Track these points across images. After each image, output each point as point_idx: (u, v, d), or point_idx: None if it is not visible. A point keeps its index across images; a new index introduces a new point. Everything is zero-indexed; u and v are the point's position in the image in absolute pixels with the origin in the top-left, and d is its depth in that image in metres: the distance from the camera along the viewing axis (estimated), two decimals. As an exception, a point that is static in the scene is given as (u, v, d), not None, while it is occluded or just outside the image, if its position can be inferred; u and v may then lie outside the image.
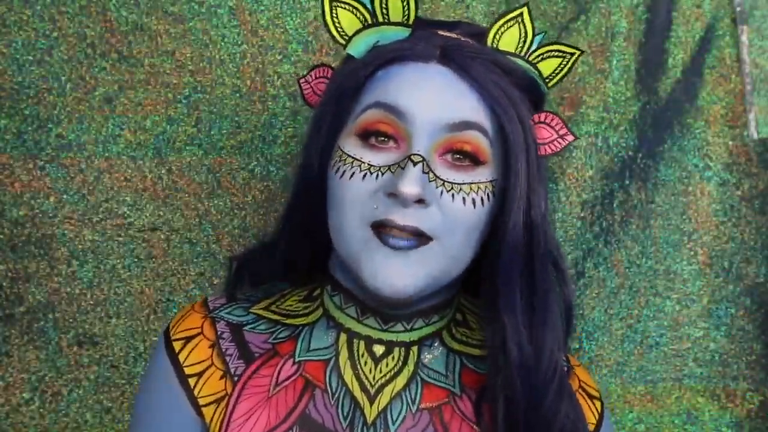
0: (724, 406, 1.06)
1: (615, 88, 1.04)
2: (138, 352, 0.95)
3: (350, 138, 0.64)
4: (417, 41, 0.65)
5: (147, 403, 0.70)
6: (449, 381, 0.68)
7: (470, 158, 0.63)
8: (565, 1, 1.03)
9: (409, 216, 0.60)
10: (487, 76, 0.63)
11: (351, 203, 0.62)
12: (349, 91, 0.65)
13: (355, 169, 0.62)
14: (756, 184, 1.05)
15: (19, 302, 0.92)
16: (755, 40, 1.04)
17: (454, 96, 0.63)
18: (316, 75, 0.71)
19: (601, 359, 1.04)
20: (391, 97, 0.63)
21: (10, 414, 0.92)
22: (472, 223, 0.63)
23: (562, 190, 1.03)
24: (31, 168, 0.92)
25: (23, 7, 0.91)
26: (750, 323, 1.05)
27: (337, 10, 0.67)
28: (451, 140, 0.63)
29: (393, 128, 0.63)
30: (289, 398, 0.66)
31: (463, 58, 0.64)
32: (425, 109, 0.62)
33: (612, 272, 1.04)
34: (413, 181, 0.59)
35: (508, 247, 0.63)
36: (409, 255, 0.61)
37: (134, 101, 0.94)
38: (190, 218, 0.96)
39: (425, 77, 0.63)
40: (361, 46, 0.67)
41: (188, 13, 0.95)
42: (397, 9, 0.65)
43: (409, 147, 0.62)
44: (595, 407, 0.72)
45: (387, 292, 0.61)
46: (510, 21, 0.66)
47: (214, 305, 0.72)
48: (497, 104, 0.63)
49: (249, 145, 0.97)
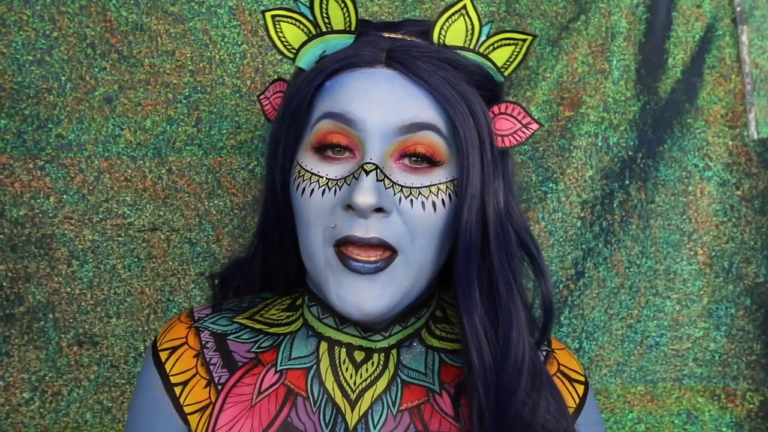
0: (724, 406, 1.06)
1: (615, 88, 1.04)
2: (138, 352, 0.95)
3: (307, 152, 0.64)
4: (361, 47, 0.64)
5: (137, 410, 0.71)
6: (428, 379, 0.69)
7: (426, 160, 0.63)
8: (565, 1, 1.03)
9: (371, 227, 0.60)
10: (434, 73, 0.62)
11: (314, 222, 0.62)
12: (301, 104, 0.65)
13: (314, 185, 0.62)
14: (756, 184, 1.05)
15: (19, 302, 0.92)
16: (755, 40, 1.04)
17: (403, 98, 0.62)
18: (274, 90, 0.71)
19: (601, 359, 1.04)
20: (340, 106, 0.62)
21: (10, 414, 0.92)
22: (432, 228, 0.62)
23: (562, 190, 1.03)
24: (31, 168, 0.92)
25: (23, 7, 0.91)
26: (750, 323, 1.05)
27: (280, 25, 0.67)
28: (404, 143, 0.62)
29: (346, 138, 0.62)
30: (272, 406, 0.66)
31: (409, 58, 0.63)
32: (375, 115, 0.61)
33: (612, 272, 1.04)
34: (367, 191, 0.59)
35: (462, 247, 0.62)
36: (376, 278, 0.61)
37: (134, 101, 0.94)
38: (190, 218, 0.96)
39: (372, 82, 0.62)
40: (309, 57, 0.67)
41: (188, 13, 0.95)
42: (338, 17, 0.65)
43: (362, 155, 0.62)
44: (576, 391, 0.72)
45: (356, 316, 0.62)
46: (454, 15, 0.65)
47: (199, 315, 0.73)
48: (446, 101, 0.62)
49: (249, 145, 0.97)
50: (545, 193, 1.03)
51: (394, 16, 0.99)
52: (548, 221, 1.03)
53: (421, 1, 1.00)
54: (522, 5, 1.02)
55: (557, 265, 1.03)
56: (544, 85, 1.02)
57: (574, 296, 1.03)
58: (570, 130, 1.03)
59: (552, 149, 1.03)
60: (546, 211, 1.03)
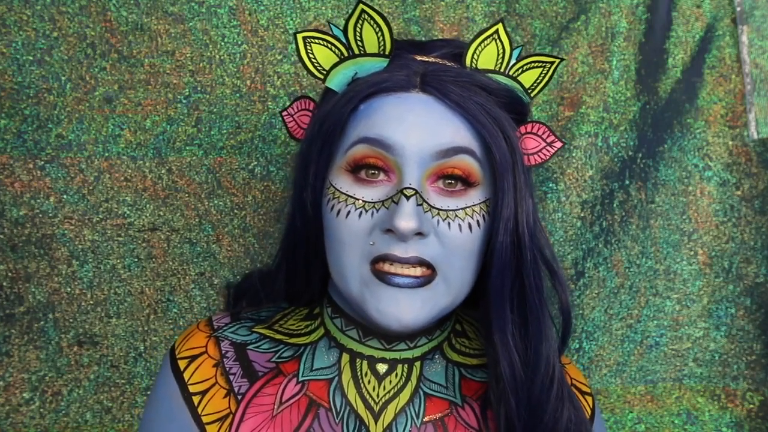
0: (724, 406, 1.06)
1: (615, 88, 1.04)
2: (138, 352, 0.95)
3: (341, 174, 0.65)
4: (396, 71, 0.65)
5: (152, 420, 0.71)
6: (450, 392, 0.69)
7: (461, 181, 0.64)
8: (565, 1, 1.03)
9: (410, 248, 0.61)
10: (468, 98, 0.63)
11: (349, 243, 0.63)
12: (334, 126, 0.65)
13: (350, 207, 0.63)
14: (756, 184, 1.05)
15: (19, 302, 0.92)
16: (755, 40, 1.04)
17: (439, 122, 0.63)
18: (298, 107, 0.71)
19: (601, 359, 1.04)
20: (376, 131, 0.63)
21: (10, 414, 0.92)
22: (469, 248, 0.64)
23: (562, 190, 1.03)
24: (31, 168, 0.92)
25: (23, 7, 0.91)
26: (750, 323, 1.05)
27: (311, 46, 0.67)
28: (441, 167, 0.63)
29: (382, 161, 0.63)
30: (294, 417, 0.66)
31: (443, 83, 0.64)
32: (412, 140, 0.62)
33: (612, 272, 1.04)
34: (409, 216, 0.60)
35: (496, 267, 0.64)
36: (416, 292, 0.62)
37: (134, 101, 0.94)
38: (190, 218, 0.96)
39: (408, 107, 0.63)
40: (340, 79, 0.67)
41: (188, 13, 0.95)
42: (372, 39, 0.65)
43: (400, 179, 0.62)
44: (588, 403, 0.74)
45: (395, 327, 0.62)
46: (486, 39, 0.66)
47: (218, 324, 0.73)
48: (481, 126, 0.63)
49: (249, 145, 0.97)
50: (545, 193, 1.03)
51: (394, 17, 0.99)
52: (548, 221, 1.03)
53: (421, 1, 1.00)
54: (522, 5, 1.02)
55: (557, 265, 1.03)
56: (544, 85, 1.02)
57: (574, 296, 1.03)
58: (570, 130, 1.03)
59: (552, 149, 1.03)
60: (546, 211, 1.03)
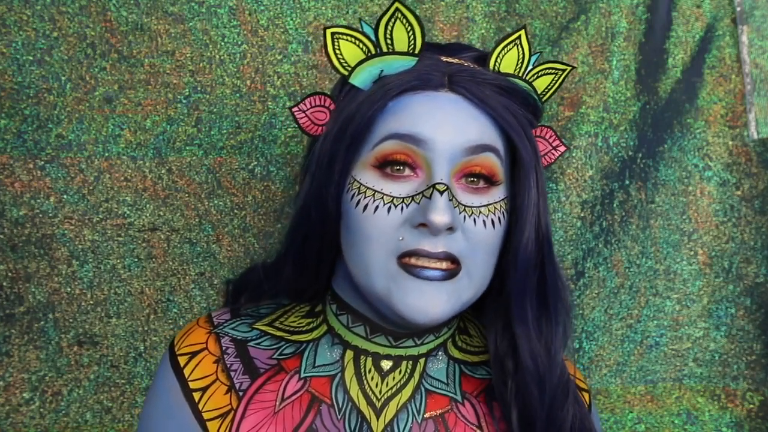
0: (724, 406, 1.06)
1: (615, 88, 1.04)
2: (138, 352, 0.95)
3: (366, 169, 0.65)
4: (424, 70, 0.66)
5: (152, 415, 0.71)
6: (450, 389, 0.70)
7: (485, 179, 0.66)
8: (565, 1, 1.03)
9: (439, 243, 0.62)
10: (495, 99, 0.66)
11: (376, 238, 0.63)
12: (362, 124, 0.65)
13: (378, 202, 0.63)
14: (756, 184, 1.05)
15: (19, 302, 0.92)
16: (755, 40, 1.04)
17: (467, 120, 0.65)
18: (312, 104, 0.70)
19: (601, 359, 1.04)
20: (407, 126, 0.64)
21: (10, 414, 0.92)
22: (492, 244, 0.65)
23: (562, 190, 1.03)
24: (31, 168, 0.92)
25: (23, 7, 0.91)
26: (750, 323, 1.05)
27: (339, 42, 0.67)
28: (468, 164, 0.65)
29: (411, 157, 0.64)
30: (296, 413, 0.66)
31: (471, 83, 0.66)
32: (443, 135, 0.63)
33: (612, 272, 1.04)
34: (443, 211, 0.61)
35: (522, 262, 0.66)
36: (442, 285, 0.63)
37: (134, 101, 0.94)
38: (190, 218, 0.96)
39: (438, 105, 0.65)
40: (365, 76, 0.67)
41: (188, 13, 0.95)
42: (402, 40, 0.66)
43: (429, 174, 0.64)
44: (585, 399, 0.75)
45: (421, 320, 0.63)
46: (509, 44, 0.68)
47: (218, 320, 0.72)
48: (509, 126, 0.66)
49: (249, 145, 0.97)
50: (545, 193, 1.03)
51: (394, 16, 0.99)
52: (548, 221, 1.03)
53: (421, 1, 1.00)
54: (522, 5, 1.02)
55: (557, 265, 1.03)
56: (544, 85, 1.02)
57: (574, 296, 1.03)
58: (570, 130, 1.03)
59: (552, 149, 1.03)
60: (546, 211, 1.03)
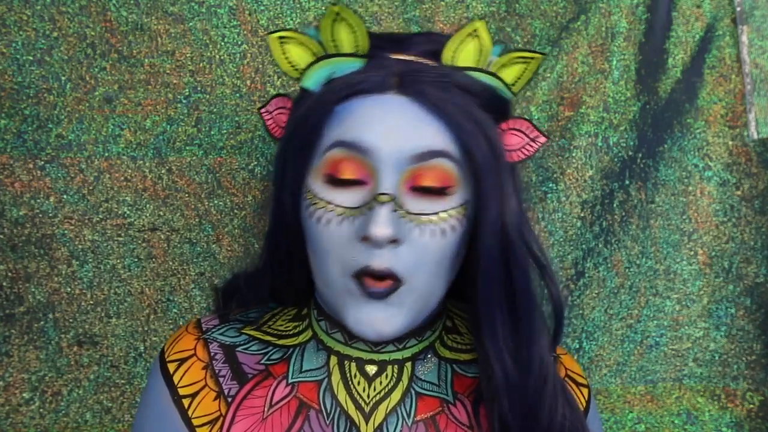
0: (724, 406, 1.06)
1: (615, 88, 1.04)
2: (138, 352, 0.95)
3: (318, 178, 0.64)
4: (372, 72, 0.63)
5: (143, 423, 0.71)
6: (442, 390, 0.69)
7: (437, 192, 0.63)
8: (565, 1, 1.03)
9: (384, 259, 0.60)
10: (447, 100, 0.62)
11: (331, 251, 0.62)
12: (311, 129, 0.64)
13: (330, 214, 0.62)
14: (756, 184, 1.05)
15: (19, 302, 0.92)
16: (755, 40, 1.04)
17: (416, 125, 0.61)
18: (276, 105, 0.70)
19: (601, 359, 1.04)
20: (352, 134, 0.62)
21: (10, 414, 0.92)
22: (441, 254, 0.63)
23: (562, 190, 1.03)
24: (31, 168, 0.92)
25: (23, 7, 0.91)
26: (750, 323, 1.05)
27: (285, 46, 0.66)
28: (417, 171, 0.62)
29: (358, 166, 0.62)
30: (284, 419, 0.66)
31: (421, 84, 0.62)
32: (388, 143, 0.61)
33: (612, 272, 1.04)
34: (383, 224, 0.59)
35: (483, 271, 0.63)
36: (388, 300, 0.62)
37: (134, 101, 0.94)
38: (190, 218, 0.96)
39: (384, 109, 0.62)
40: (316, 78, 0.65)
41: (188, 13, 0.95)
42: (347, 41, 0.64)
43: (375, 184, 0.61)
44: (582, 394, 0.73)
45: (372, 337, 0.63)
46: (465, 37, 0.64)
47: (207, 326, 0.72)
48: (460, 128, 0.62)
49: (249, 145, 0.97)
50: (545, 193, 1.03)
51: (394, 16, 0.99)
52: (548, 221, 1.03)
53: (421, 1, 1.00)
54: (522, 5, 1.02)
55: (557, 265, 1.03)
56: (544, 85, 1.02)
57: (574, 296, 1.03)
58: (570, 130, 1.03)
59: (552, 149, 1.03)
60: (546, 211, 1.03)
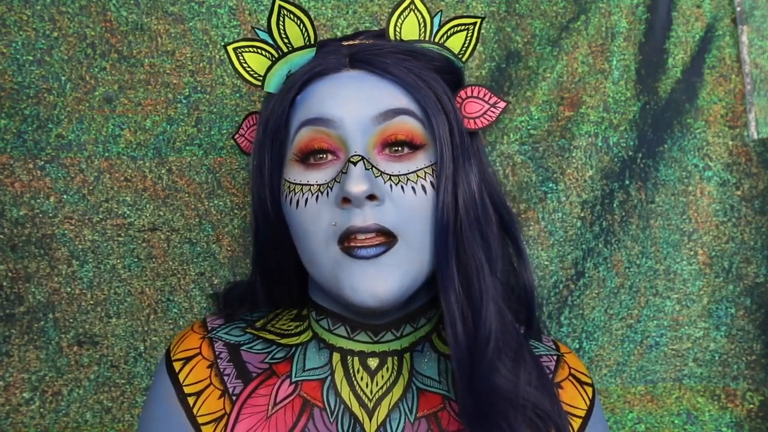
0: (724, 406, 1.06)
1: (615, 88, 1.04)
2: (138, 352, 0.95)
3: (293, 166, 0.66)
4: (324, 56, 0.67)
5: (149, 421, 0.71)
6: (443, 386, 0.69)
7: (407, 145, 0.65)
8: (565, 1, 1.03)
9: (368, 216, 0.61)
10: (397, 65, 0.65)
11: (312, 229, 0.63)
12: (278, 123, 0.67)
13: (307, 194, 0.64)
14: (756, 184, 1.05)
15: (19, 302, 0.92)
16: (755, 40, 1.04)
17: (373, 91, 0.65)
18: (248, 126, 0.74)
19: (601, 359, 1.04)
20: (315, 111, 0.64)
21: (10, 414, 0.92)
22: (425, 211, 0.64)
23: (562, 190, 1.03)
24: (31, 168, 0.92)
25: (23, 7, 0.91)
26: (750, 323, 1.05)
27: (243, 56, 0.69)
28: (384, 132, 0.64)
29: (327, 140, 0.64)
30: (288, 417, 0.67)
31: (372, 56, 0.66)
32: (350, 111, 0.64)
33: (612, 272, 1.04)
34: (358, 179, 0.60)
35: (438, 227, 0.64)
36: (380, 260, 0.62)
37: (134, 101, 0.94)
38: (190, 218, 0.96)
39: (341, 83, 0.65)
40: (276, 80, 0.69)
41: (188, 13, 0.95)
42: (296, 34, 0.67)
43: (347, 152, 0.63)
44: (587, 393, 0.73)
45: (371, 303, 0.62)
46: (404, 11, 0.68)
47: (212, 325, 0.73)
48: (414, 89, 0.65)
49: (249, 145, 0.97)
50: (545, 193, 1.03)
51: (394, 16, 0.99)
52: (548, 221, 1.03)
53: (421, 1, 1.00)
54: (522, 5, 1.02)
55: (557, 265, 1.03)
56: (544, 85, 1.02)
57: (574, 296, 1.03)
58: (570, 130, 1.03)
59: (552, 149, 1.03)
60: (546, 211, 1.03)
